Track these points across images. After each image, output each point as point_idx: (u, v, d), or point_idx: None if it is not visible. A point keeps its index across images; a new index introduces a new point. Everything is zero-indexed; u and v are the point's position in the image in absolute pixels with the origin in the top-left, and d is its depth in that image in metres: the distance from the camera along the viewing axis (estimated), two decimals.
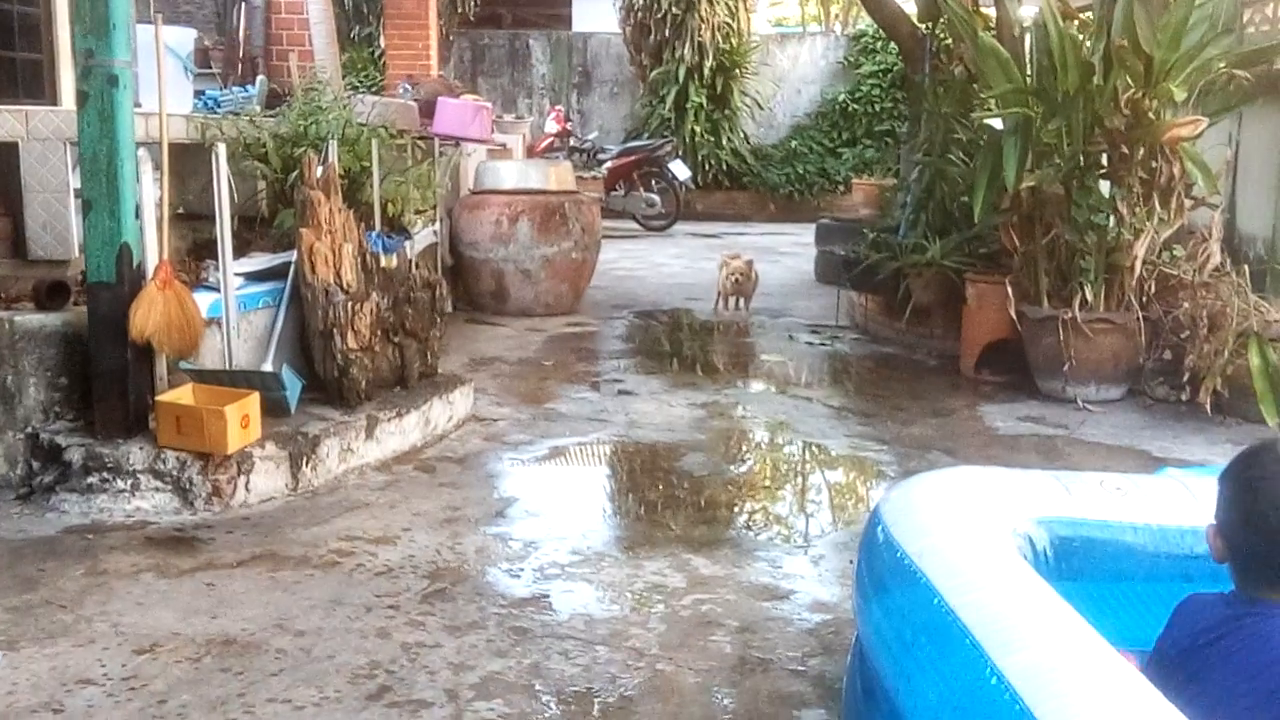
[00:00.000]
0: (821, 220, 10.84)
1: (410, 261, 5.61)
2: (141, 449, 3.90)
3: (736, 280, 8.03)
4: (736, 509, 4.20)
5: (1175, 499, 2.55)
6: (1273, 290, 5.96)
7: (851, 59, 16.99)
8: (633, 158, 14.49)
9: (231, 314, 4.41)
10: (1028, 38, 6.12)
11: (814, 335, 7.53)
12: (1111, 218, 5.57)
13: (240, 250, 4.96)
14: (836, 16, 21.69)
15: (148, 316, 3.90)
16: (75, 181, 4.33)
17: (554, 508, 4.15)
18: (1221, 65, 5.67)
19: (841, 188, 15.87)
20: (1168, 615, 2.37)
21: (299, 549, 3.60)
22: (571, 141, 15.53)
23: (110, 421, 3.97)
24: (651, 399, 5.69)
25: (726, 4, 15.48)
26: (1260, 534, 1.81)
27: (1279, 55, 7.18)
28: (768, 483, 4.66)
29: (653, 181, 14.46)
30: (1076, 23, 6.01)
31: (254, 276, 4.79)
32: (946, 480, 2.50)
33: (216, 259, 4.46)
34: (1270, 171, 8.06)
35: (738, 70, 15.89)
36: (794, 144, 16.77)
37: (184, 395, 4.01)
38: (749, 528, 4.01)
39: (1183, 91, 5.46)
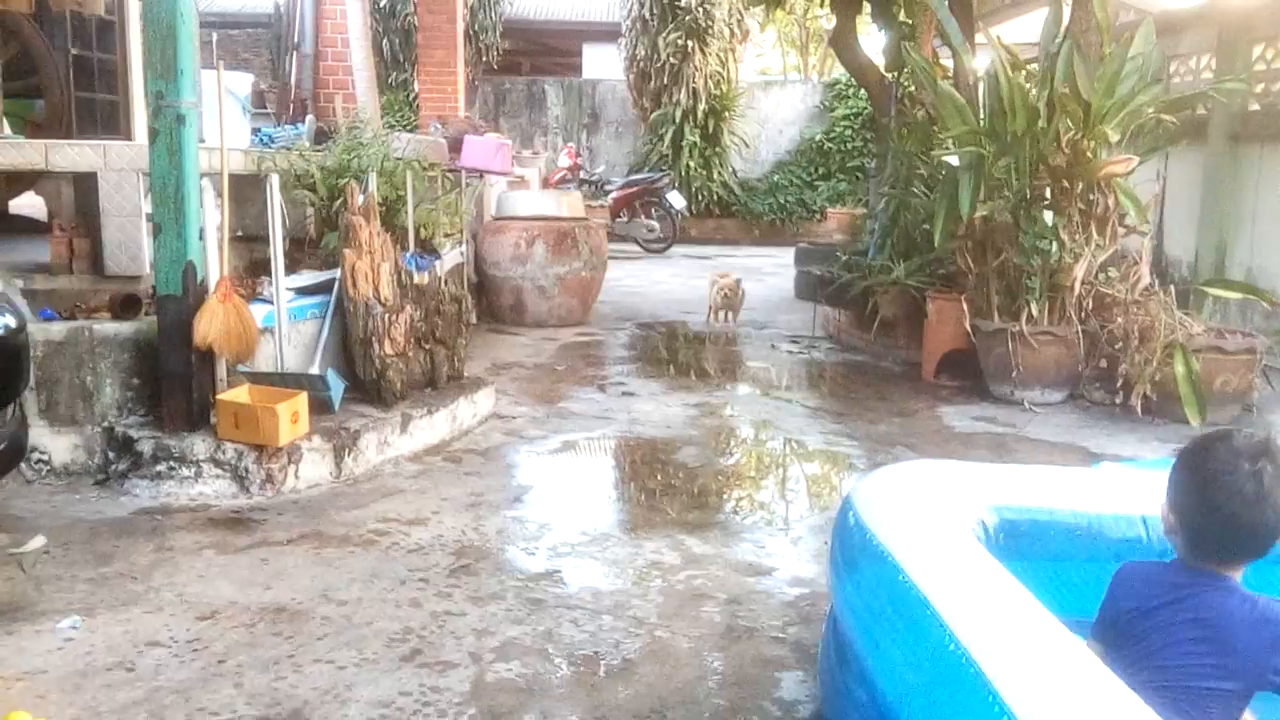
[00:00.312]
0: (800, 244, 10.83)
1: (440, 279, 5.59)
2: (204, 441, 3.90)
3: (725, 295, 8.02)
4: (725, 496, 4.19)
5: (1110, 490, 2.55)
6: (1195, 307, 5.96)
7: (827, 103, 17.01)
8: (635, 189, 14.50)
9: (283, 324, 4.40)
10: (981, 86, 6.10)
11: (793, 345, 7.52)
12: (1054, 244, 5.55)
13: (291, 268, 4.96)
14: (814, 66, 21.77)
15: (209, 325, 3.90)
16: (147, 207, 4.34)
17: (565, 494, 4.15)
18: (1150, 111, 5.66)
19: (818, 216, 15.86)
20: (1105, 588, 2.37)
21: (341, 529, 3.59)
22: (581, 174, 15.53)
23: (176, 417, 3.97)
24: (651, 400, 5.68)
25: (718, 55, 15.51)
26: (1215, 519, 1.85)
27: (1200, 102, 7.21)
28: (752, 473, 4.65)
29: (652, 210, 14.48)
30: (1024, 72, 6.01)
31: (303, 291, 4.79)
32: (910, 472, 2.50)
33: (271, 275, 4.46)
34: (1193, 204, 8.08)
35: (727, 113, 15.92)
36: (776, 178, 16.78)
37: (241, 394, 4.01)
38: (736, 512, 4.00)
39: (1116, 133, 5.46)
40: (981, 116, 5.89)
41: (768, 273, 11.58)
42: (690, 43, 15.15)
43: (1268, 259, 7.33)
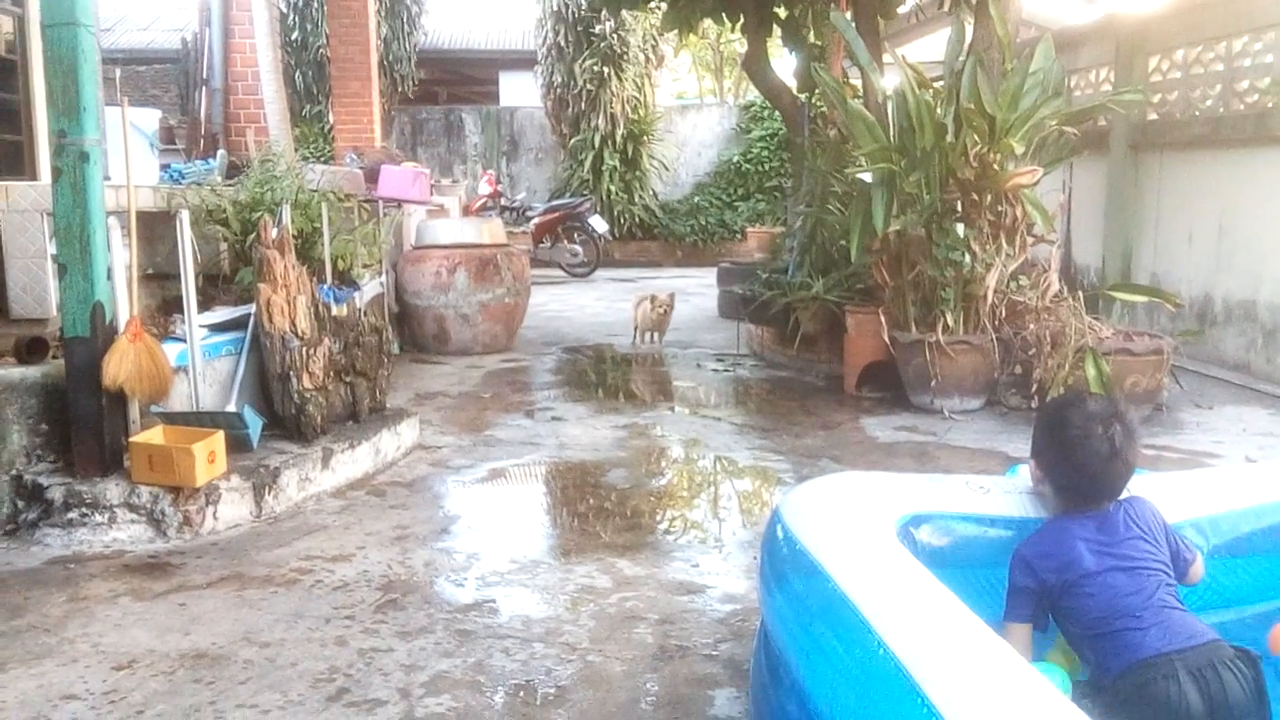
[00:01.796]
0: (722, 264, 10.93)
1: (359, 310, 5.51)
2: (117, 485, 3.77)
3: (663, 312, 8.04)
4: (656, 516, 4.17)
5: (1025, 496, 2.59)
6: (1104, 311, 6.13)
7: (743, 125, 17.24)
8: (557, 214, 14.52)
9: (197, 362, 4.30)
10: (890, 104, 6.23)
11: (719, 363, 7.57)
12: (966, 255, 5.67)
13: (205, 305, 4.85)
14: (729, 90, 22.05)
15: (120, 366, 3.79)
16: (52, 248, 4.21)
17: (494, 523, 4.10)
18: (1053, 123, 5.83)
19: (738, 236, 16.05)
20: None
21: (263, 569, 3.50)
22: (502, 201, 15.52)
23: (88, 462, 3.84)
24: (579, 423, 5.65)
25: (634, 81, 15.63)
26: (1079, 475, 2.24)
27: (1100, 114, 7.45)
28: (682, 492, 4.64)
29: (575, 234, 14.51)
30: (931, 90, 6.14)
31: (218, 327, 4.68)
32: (837, 483, 2.51)
33: (183, 313, 4.35)
34: (1098, 212, 8.34)
35: (646, 137, 16.05)
36: (696, 199, 16.94)
37: (155, 436, 3.90)
38: (667, 532, 3.99)
39: (1021, 146, 5.60)
40: (891, 134, 6.00)
41: (691, 293, 11.65)
42: (606, 69, 15.25)
43: (1170, 263, 7.59)
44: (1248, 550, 2.60)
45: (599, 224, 14.52)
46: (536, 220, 14.53)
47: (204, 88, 9.18)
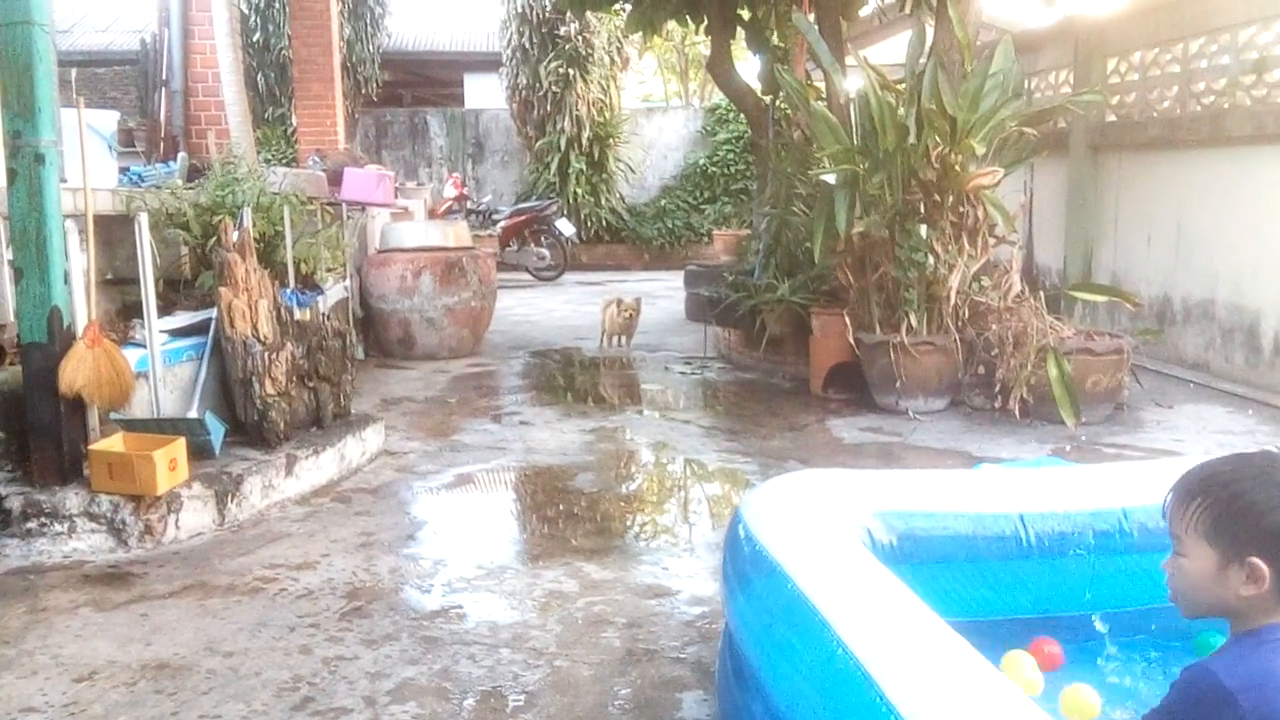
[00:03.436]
0: (689, 267, 10.91)
1: (323, 314, 5.48)
2: (77, 494, 3.72)
3: (628, 317, 8.05)
4: (623, 520, 4.18)
5: (989, 491, 2.62)
6: (1065, 311, 6.21)
7: (709, 128, 17.28)
8: (523, 217, 14.49)
9: (157, 367, 4.25)
10: (852, 106, 6.28)
11: (686, 366, 7.58)
12: (929, 256, 5.72)
13: (166, 310, 4.80)
14: (694, 92, 22.11)
15: (77, 372, 3.74)
16: (8, 252, 4.14)
17: (460, 528, 4.08)
18: (1013, 124, 5.89)
19: (705, 238, 16.08)
20: (991, 591, 2.44)
21: (226, 578, 3.47)
22: (468, 204, 15.45)
23: (47, 470, 3.79)
24: (546, 427, 5.65)
25: (599, 83, 15.61)
26: None
27: (1060, 115, 7.55)
28: (650, 495, 4.65)
29: (542, 237, 14.48)
30: (893, 92, 6.19)
31: (178, 333, 4.63)
32: (797, 482, 2.53)
33: (143, 318, 4.30)
34: (1059, 213, 8.44)
35: (612, 140, 16.03)
36: (663, 202, 16.96)
37: (115, 443, 3.85)
38: (635, 535, 3.99)
39: (982, 147, 5.65)
40: (854, 135, 6.05)
41: (659, 296, 11.66)
42: (572, 71, 15.23)
43: (1130, 262, 7.70)
44: None
45: (566, 227, 14.50)
46: (503, 223, 14.49)
47: (163, 89, 9.08)
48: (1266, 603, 1.57)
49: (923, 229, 5.75)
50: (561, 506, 4.32)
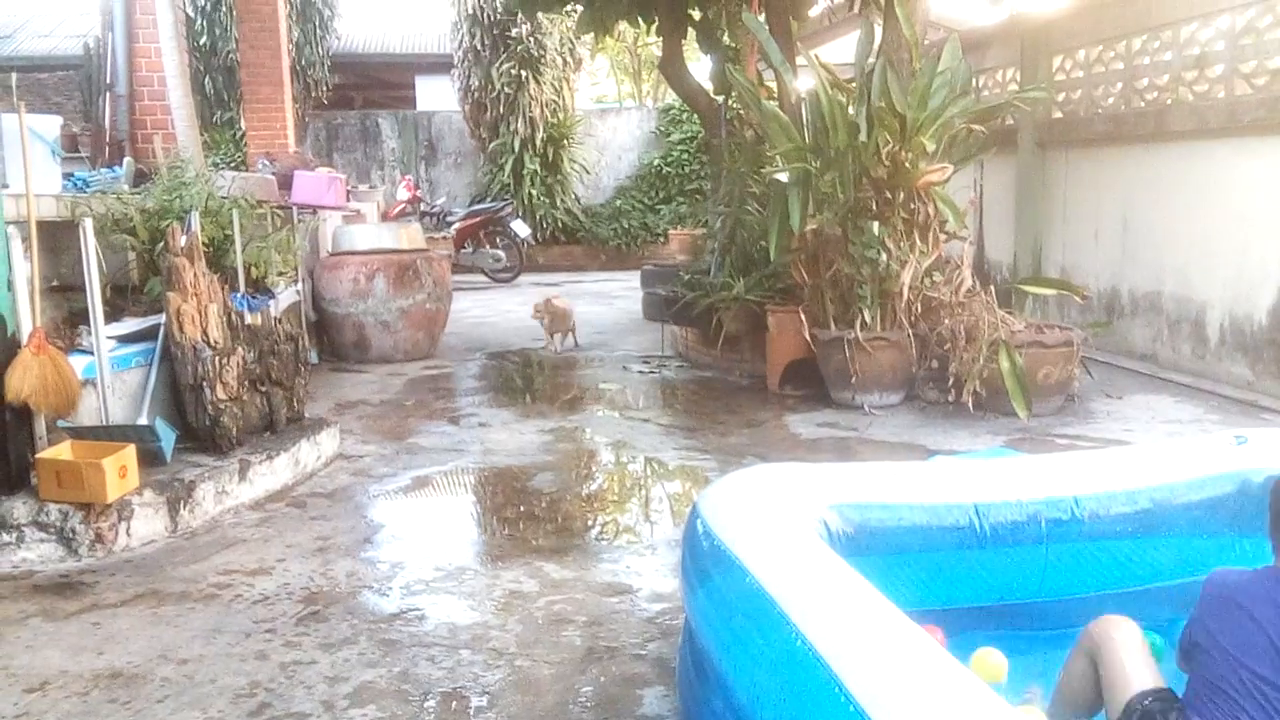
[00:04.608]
0: (645, 267, 10.90)
1: (274, 318, 5.41)
2: (24, 504, 3.65)
3: (553, 318, 8.12)
4: (583, 518, 4.17)
5: (943, 482, 2.65)
6: (1016, 305, 6.29)
7: (663, 129, 17.30)
8: (478, 219, 14.40)
9: (105, 374, 4.17)
10: (804, 104, 6.31)
11: (644, 365, 7.59)
12: (882, 252, 5.76)
13: (114, 316, 4.71)
14: (648, 93, 22.13)
15: (23, 380, 3.67)
16: None
17: (418, 531, 4.06)
18: (962, 121, 5.97)
19: (661, 238, 16.09)
20: (954, 578, 2.47)
21: (180, 585, 3.42)
22: (422, 207, 15.34)
23: None
24: (504, 428, 5.62)
25: (552, 84, 15.56)
26: None
27: (1007, 112, 7.65)
28: (609, 494, 4.65)
29: (497, 239, 14.41)
30: (844, 90, 6.24)
31: (127, 339, 4.55)
32: (754, 477, 2.54)
33: (90, 325, 4.23)
34: (1009, 208, 8.55)
35: (566, 141, 15.99)
36: (619, 203, 16.95)
37: (63, 451, 3.78)
38: (595, 534, 3.99)
39: (932, 144, 5.72)
40: (806, 134, 6.08)
41: (616, 295, 11.67)
42: (524, 72, 15.17)
43: (1079, 256, 7.82)
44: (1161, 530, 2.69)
45: (521, 228, 14.44)
46: (457, 225, 14.40)
47: (108, 94, 8.89)
48: None
49: (875, 226, 5.80)
50: (521, 507, 4.31)
